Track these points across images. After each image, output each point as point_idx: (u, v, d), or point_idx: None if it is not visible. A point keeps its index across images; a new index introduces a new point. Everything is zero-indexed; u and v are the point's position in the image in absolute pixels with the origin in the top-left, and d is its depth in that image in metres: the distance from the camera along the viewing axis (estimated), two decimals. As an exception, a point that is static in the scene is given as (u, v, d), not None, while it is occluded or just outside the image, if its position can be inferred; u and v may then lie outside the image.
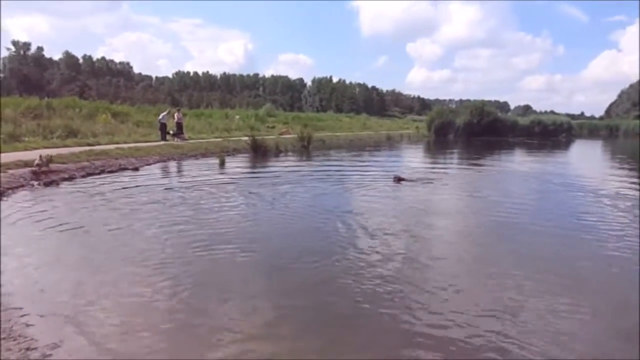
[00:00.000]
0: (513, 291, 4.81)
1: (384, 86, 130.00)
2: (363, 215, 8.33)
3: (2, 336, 3.53)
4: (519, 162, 21.64)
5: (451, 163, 20.72)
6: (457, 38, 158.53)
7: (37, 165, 11.16)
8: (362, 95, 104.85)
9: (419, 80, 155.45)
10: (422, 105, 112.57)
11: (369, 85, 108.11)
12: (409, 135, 43.04)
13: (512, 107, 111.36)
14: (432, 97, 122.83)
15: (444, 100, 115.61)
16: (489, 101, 55.91)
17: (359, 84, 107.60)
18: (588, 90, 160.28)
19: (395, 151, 27.05)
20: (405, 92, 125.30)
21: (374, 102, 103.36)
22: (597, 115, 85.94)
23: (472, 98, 67.30)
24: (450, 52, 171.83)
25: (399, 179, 11.46)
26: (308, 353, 3.61)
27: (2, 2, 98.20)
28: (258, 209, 8.81)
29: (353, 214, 8.39)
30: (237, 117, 36.66)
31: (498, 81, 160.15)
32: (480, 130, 39.63)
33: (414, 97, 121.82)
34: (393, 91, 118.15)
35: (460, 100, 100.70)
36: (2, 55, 77.74)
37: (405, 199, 10.01)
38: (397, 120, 79.78)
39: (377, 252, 6.11)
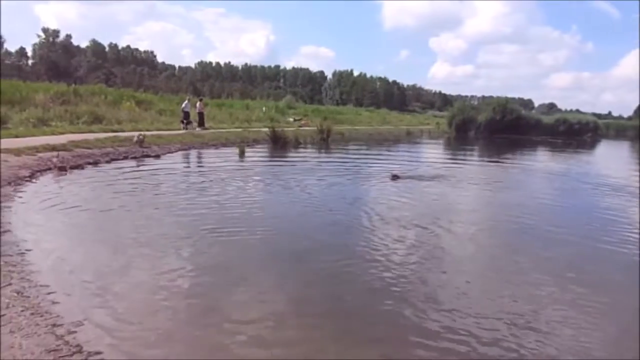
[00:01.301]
0: (534, 294, 4.77)
1: (405, 81, 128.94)
2: (382, 210, 8.37)
3: (30, 312, 3.69)
4: (542, 160, 21.30)
5: (469, 160, 20.51)
6: (481, 33, 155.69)
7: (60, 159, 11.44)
8: (383, 89, 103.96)
9: (441, 75, 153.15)
10: (443, 101, 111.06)
11: (390, 80, 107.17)
12: (429, 131, 42.62)
13: (536, 104, 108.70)
14: (454, 93, 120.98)
15: (466, 97, 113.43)
16: (513, 98, 54.52)
17: (380, 78, 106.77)
18: (617, 89, 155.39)
19: (414, 146, 26.85)
20: (427, 87, 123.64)
21: (395, 97, 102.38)
22: (625, 115, 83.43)
23: (494, 95, 65.85)
24: (474, 47, 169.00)
25: (394, 177, 11.25)
26: (322, 342, 3.69)
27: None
28: (275, 198, 8.96)
29: (374, 208, 8.44)
30: (264, 108, 36.94)
31: (522, 78, 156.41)
32: (502, 128, 38.87)
33: (435, 93, 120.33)
34: (414, 86, 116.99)
35: (483, 97, 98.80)
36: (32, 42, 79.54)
37: (409, 196, 10.00)
38: (418, 115, 78.92)
39: (391, 247, 6.16)
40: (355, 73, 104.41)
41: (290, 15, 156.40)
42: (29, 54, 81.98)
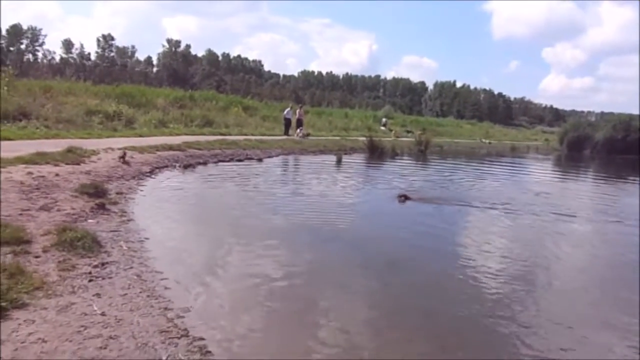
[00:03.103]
0: None
1: (512, 93, 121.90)
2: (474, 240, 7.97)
3: (146, 294, 4.08)
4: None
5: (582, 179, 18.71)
6: (605, 43, 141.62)
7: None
8: (487, 101, 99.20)
9: (554, 88, 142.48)
10: (555, 116, 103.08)
11: (495, 92, 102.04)
12: (537, 147, 39.74)
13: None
14: (567, 108, 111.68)
15: (582, 112, 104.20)
16: (638, 115, 48.72)
17: (484, 90, 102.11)
18: None
19: (519, 163, 25.08)
20: (536, 100, 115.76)
21: (499, 110, 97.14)
22: None
23: (616, 111, 59.30)
24: (595, 58, 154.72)
25: (404, 198, 9.78)
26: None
27: (164, 3, 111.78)
28: (373, 203, 8.98)
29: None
30: (384, 119, 37.36)
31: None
32: (624, 148, 34.82)
33: (545, 107, 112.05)
34: (522, 99, 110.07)
35: (602, 113, 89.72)
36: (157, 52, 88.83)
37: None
38: (525, 130, 74.08)
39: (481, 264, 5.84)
40: (458, 84, 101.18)
41: (395, 24, 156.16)
42: (154, 62, 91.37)
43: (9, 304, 3.31)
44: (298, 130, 23.21)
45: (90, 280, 4.07)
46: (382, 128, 33.34)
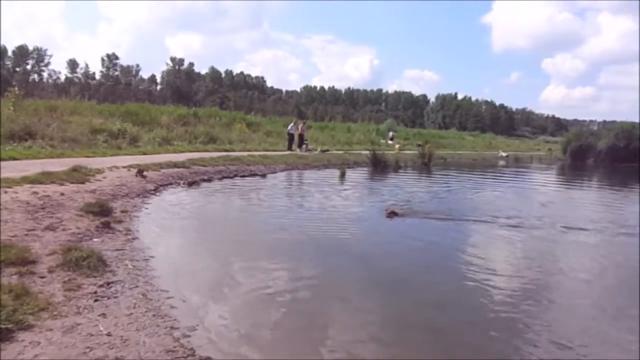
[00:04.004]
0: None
1: (514, 104, 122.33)
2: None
3: (152, 313, 4.06)
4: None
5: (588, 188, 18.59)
6: (606, 52, 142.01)
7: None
8: (489, 113, 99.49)
9: (555, 98, 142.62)
10: (557, 126, 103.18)
11: (497, 103, 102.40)
12: (540, 157, 39.67)
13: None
14: (569, 117, 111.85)
15: (584, 121, 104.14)
16: (640, 124, 48.29)
17: (486, 102, 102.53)
18: None
19: (522, 173, 24.99)
20: (538, 111, 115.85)
21: (502, 121, 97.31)
22: None
23: (618, 119, 59.16)
24: (595, 68, 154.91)
25: (393, 214, 9.32)
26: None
27: (167, 22, 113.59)
28: (378, 218, 8.94)
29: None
30: (391, 133, 37.49)
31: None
32: (627, 156, 34.65)
33: (547, 117, 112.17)
34: (524, 110, 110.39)
35: (604, 122, 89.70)
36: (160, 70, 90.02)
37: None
38: (527, 140, 74.07)
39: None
40: (460, 96, 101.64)
41: (396, 39, 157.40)
42: (158, 80, 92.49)
43: (15, 325, 3.29)
44: (303, 146, 23.36)
45: (95, 300, 4.05)
46: (390, 142, 33.32)
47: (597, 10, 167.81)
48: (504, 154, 37.45)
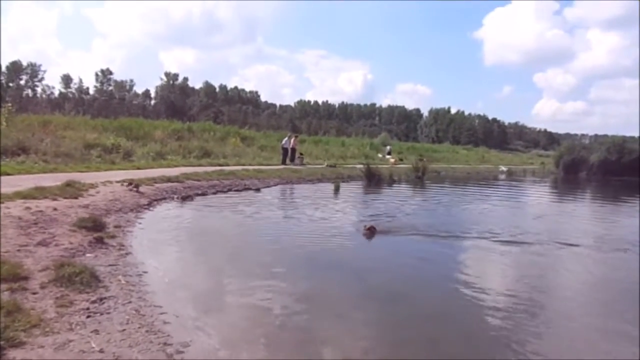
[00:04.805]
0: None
1: (507, 118, 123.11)
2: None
3: (145, 329, 4.03)
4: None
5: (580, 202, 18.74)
6: (596, 67, 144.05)
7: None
8: (482, 127, 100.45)
9: (547, 112, 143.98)
10: (549, 139, 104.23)
11: (490, 117, 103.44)
12: (533, 171, 40.01)
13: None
14: (561, 131, 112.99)
15: (575, 135, 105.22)
16: (632, 137, 48.68)
17: (479, 116, 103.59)
18: None
19: (515, 187, 25.16)
20: (530, 124, 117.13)
21: (495, 135, 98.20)
22: None
23: (610, 133, 59.82)
24: (586, 82, 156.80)
25: (370, 229, 8.95)
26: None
27: (162, 38, 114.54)
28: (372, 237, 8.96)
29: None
30: (388, 147, 37.77)
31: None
32: (619, 170, 35.03)
33: (540, 131, 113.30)
34: (516, 124, 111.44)
35: (596, 135, 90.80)
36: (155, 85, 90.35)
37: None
38: (520, 154, 74.69)
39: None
40: (453, 110, 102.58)
41: (389, 54, 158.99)
42: (152, 95, 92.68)
43: (6, 342, 3.26)
44: (297, 160, 23.45)
45: (88, 316, 4.02)
46: (388, 156, 33.39)
47: (586, 27, 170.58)
48: (504, 169, 37.85)
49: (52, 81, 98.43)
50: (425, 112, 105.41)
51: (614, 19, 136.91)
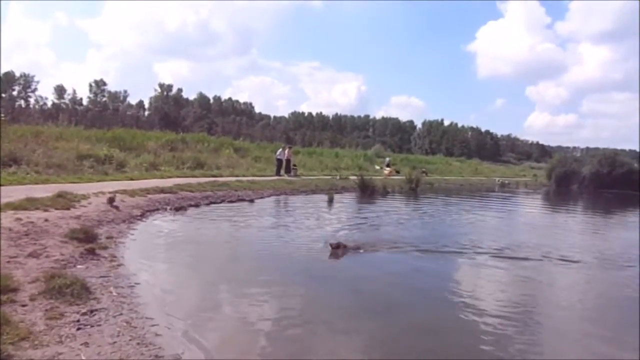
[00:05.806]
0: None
1: (499, 131, 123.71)
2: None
3: (136, 341, 3.98)
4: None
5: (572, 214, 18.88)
6: (588, 80, 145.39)
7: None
8: (475, 139, 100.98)
9: (539, 125, 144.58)
10: (541, 152, 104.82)
11: (483, 129, 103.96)
12: (526, 183, 40.30)
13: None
14: (553, 144, 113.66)
15: (567, 148, 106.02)
16: (623, 150, 49.20)
17: (472, 128, 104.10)
18: None
19: (508, 199, 25.32)
20: (523, 137, 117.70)
21: (487, 147, 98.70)
22: None
23: (601, 146, 60.54)
24: (577, 96, 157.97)
25: (336, 246, 8.34)
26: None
27: (156, 49, 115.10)
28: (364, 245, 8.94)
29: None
30: (388, 158, 37.92)
31: (635, 128, 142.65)
32: (610, 182, 35.45)
33: (532, 143, 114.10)
34: (509, 136, 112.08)
35: (587, 148, 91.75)
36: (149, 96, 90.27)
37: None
38: (513, 166, 75.17)
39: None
40: (446, 122, 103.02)
41: (382, 66, 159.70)
42: (146, 106, 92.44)
43: (-6, 356, 3.22)
44: (292, 171, 23.48)
45: (78, 329, 3.98)
46: (387, 168, 33.37)
47: (577, 41, 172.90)
48: (499, 181, 38.16)
49: (45, 92, 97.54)
50: (418, 124, 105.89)
51: (605, 33, 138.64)
